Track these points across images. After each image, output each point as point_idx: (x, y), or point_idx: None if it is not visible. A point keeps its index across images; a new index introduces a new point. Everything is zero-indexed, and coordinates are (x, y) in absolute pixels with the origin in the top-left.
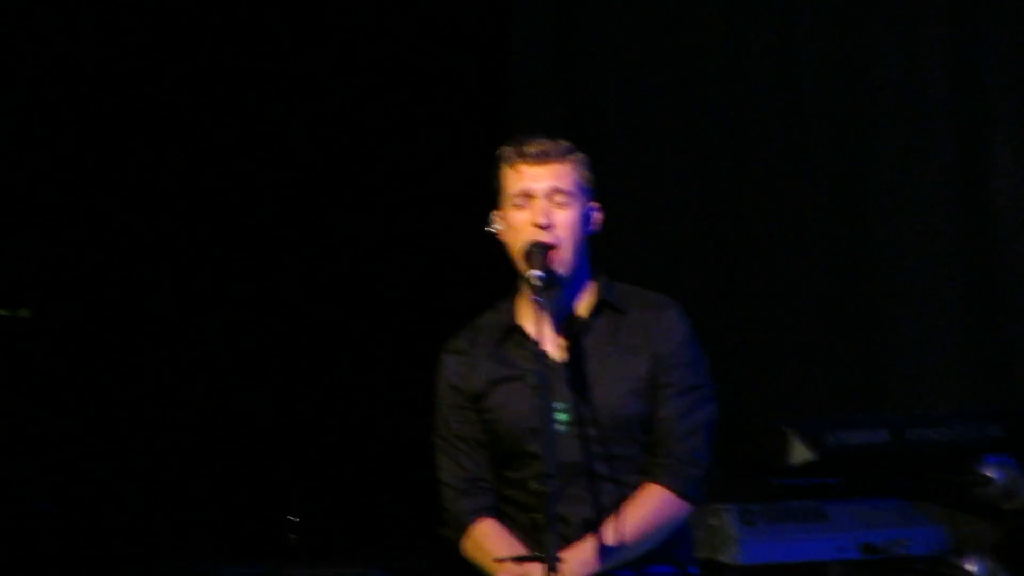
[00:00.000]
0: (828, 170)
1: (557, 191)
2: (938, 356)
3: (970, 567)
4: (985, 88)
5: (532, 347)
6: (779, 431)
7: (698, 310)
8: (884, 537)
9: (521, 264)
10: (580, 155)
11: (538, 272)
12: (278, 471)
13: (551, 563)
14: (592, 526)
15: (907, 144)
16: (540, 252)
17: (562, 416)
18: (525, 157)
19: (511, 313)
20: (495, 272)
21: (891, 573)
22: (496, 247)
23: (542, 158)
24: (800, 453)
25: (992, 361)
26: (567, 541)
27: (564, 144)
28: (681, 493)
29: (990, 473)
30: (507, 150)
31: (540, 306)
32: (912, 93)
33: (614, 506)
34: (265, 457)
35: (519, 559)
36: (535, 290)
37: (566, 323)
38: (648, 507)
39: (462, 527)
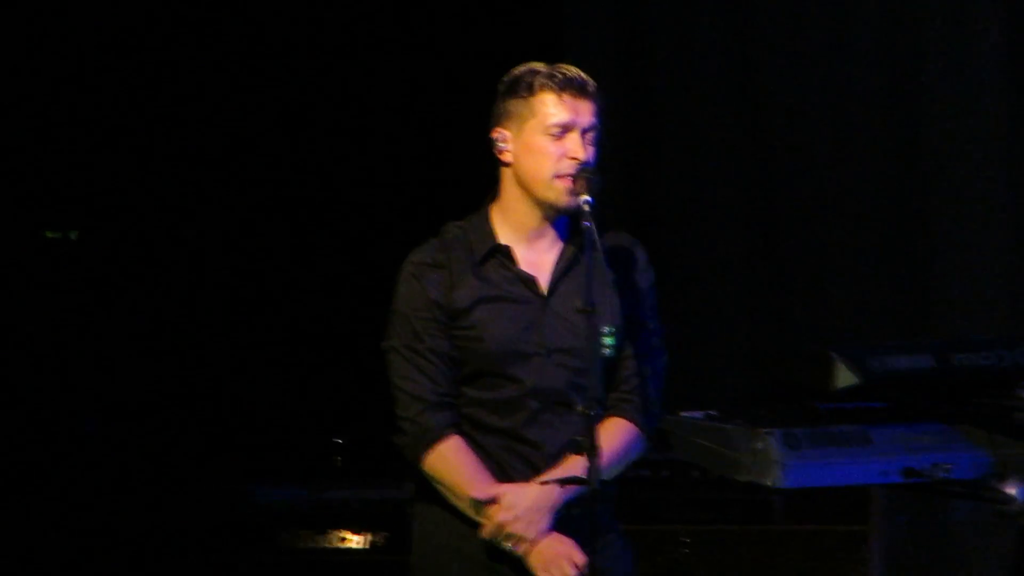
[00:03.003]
0: (878, 96)
1: (594, 128)
2: (984, 281)
3: (1012, 491)
4: None
5: (518, 271)
6: (824, 355)
7: (746, 234)
8: (927, 461)
9: (549, 191)
10: None
11: (589, 198)
12: (323, 392)
13: (596, 484)
14: (563, 456)
15: (957, 78)
16: (591, 177)
17: (610, 340)
18: (569, 87)
19: (488, 230)
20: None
21: (934, 497)
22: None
23: (584, 90)
24: (845, 377)
25: None
26: (535, 469)
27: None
28: (645, 429)
29: None
30: (542, 77)
31: (592, 234)
32: (966, 33)
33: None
34: (310, 378)
35: (563, 481)
36: (583, 215)
37: (561, 254)
38: (618, 441)
39: (429, 441)
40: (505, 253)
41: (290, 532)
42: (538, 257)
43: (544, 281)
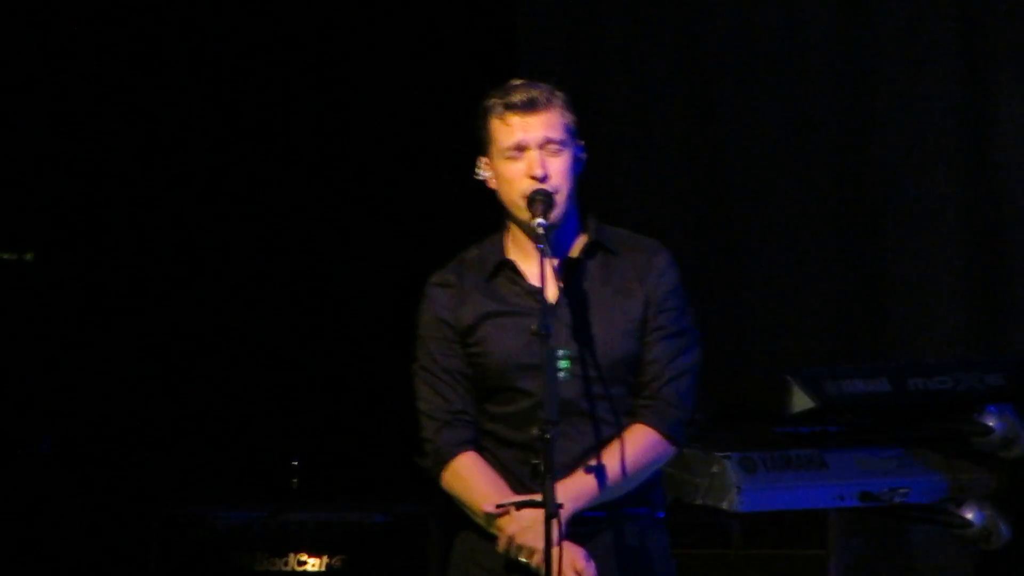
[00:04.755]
0: (830, 116)
1: (549, 141)
2: (940, 306)
3: (969, 515)
4: (991, 31)
5: (525, 284)
6: (781, 379)
7: (700, 258)
8: (883, 486)
9: (518, 211)
10: (563, 96)
11: (542, 220)
12: (280, 414)
13: (552, 511)
14: (577, 465)
15: (911, 88)
16: (544, 200)
17: (564, 363)
18: (514, 108)
19: (500, 249)
20: (480, 214)
21: (890, 521)
22: (481, 192)
23: (531, 108)
24: (801, 401)
25: (994, 310)
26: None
27: (547, 88)
28: (667, 435)
29: (990, 422)
30: (493, 101)
31: (543, 253)
32: (917, 35)
33: (601, 446)
34: (267, 400)
35: (520, 504)
36: (539, 238)
37: (561, 264)
38: (635, 447)
39: (443, 460)
40: (512, 267)
41: (247, 554)
42: (546, 270)
43: (552, 292)
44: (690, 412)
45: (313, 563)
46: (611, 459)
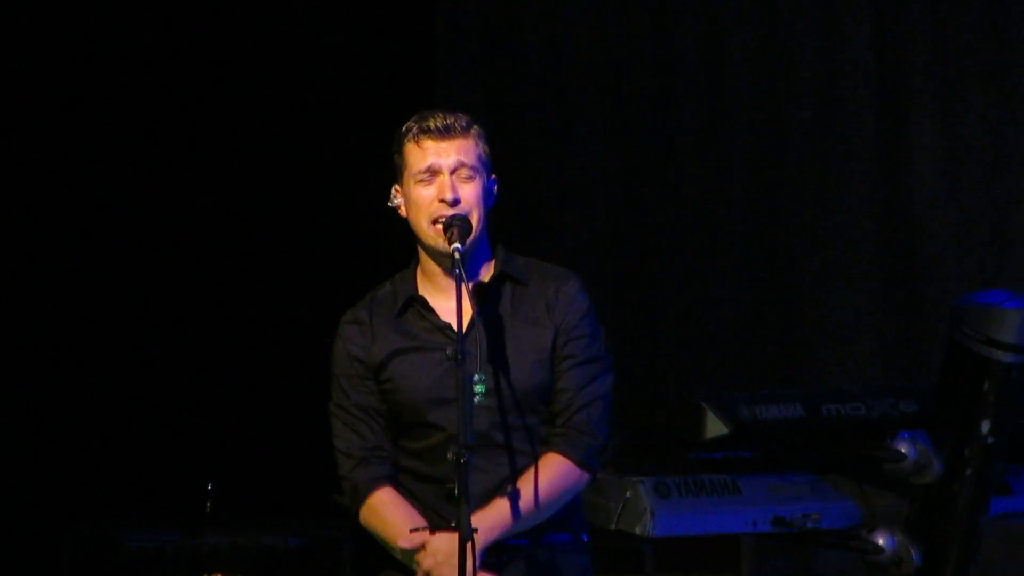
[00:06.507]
0: (747, 148)
1: (462, 166)
2: (853, 333)
3: (880, 541)
4: (905, 65)
5: (435, 320)
6: (694, 405)
7: (616, 285)
8: (796, 511)
9: (429, 237)
10: (479, 128)
11: (459, 245)
12: (195, 437)
13: (467, 534)
14: (492, 496)
15: (826, 122)
16: (461, 225)
17: (480, 388)
18: (429, 133)
19: (411, 284)
20: (395, 245)
21: (803, 547)
22: (396, 222)
23: (445, 133)
24: (715, 427)
25: (908, 337)
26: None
27: (464, 118)
28: (580, 462)
29: (903, 448)
30: (408, 125)
31: (460, 279)
32: (832, 69)
33: (515, 476)
34: (182, 423)
35: (434, 529)
36: (454, 264)
37: (471, 292)
38: (549, 477)
39: (360, 496)
40: (422, 303)
41: None
42: (454, 303)
43: (464, 320)
44: (604, 439)
45: None
46: (525, 489)
